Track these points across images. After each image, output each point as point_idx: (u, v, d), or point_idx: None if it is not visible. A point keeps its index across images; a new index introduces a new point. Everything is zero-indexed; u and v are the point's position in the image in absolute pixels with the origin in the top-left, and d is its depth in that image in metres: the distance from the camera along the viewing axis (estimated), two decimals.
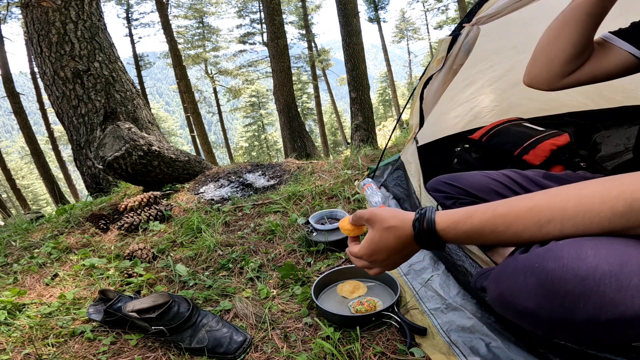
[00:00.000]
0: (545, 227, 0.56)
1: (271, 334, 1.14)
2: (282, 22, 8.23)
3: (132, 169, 2.49)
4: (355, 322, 1.10)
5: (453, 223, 0.64)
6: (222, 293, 1.39)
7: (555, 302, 0.50)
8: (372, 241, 0.73)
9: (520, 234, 0.58)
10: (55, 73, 3.46)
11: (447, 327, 1.02)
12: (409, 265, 1.33)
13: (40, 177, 12.43)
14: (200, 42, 20.76)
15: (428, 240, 0.67)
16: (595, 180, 0.56)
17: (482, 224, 0.61)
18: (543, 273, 0.51)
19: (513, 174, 1.12)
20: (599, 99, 2.23)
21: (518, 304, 0.55)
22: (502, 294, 0.58)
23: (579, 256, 0.49)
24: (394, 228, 0.70)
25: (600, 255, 0.48)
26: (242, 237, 1.85)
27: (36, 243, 2.03)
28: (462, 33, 1.55)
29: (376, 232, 0.73)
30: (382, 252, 0.73)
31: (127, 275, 1.58)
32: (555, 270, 0.50)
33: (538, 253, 0.54)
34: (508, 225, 0.59)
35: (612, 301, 0.46)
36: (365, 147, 3.63)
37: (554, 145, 1.73)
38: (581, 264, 0.48)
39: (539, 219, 0.57)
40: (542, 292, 0.51)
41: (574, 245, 0.51)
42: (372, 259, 0.75)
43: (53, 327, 1.26)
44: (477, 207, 0.64)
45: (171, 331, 1.11)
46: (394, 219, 0.71)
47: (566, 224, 0.55)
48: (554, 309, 0.51)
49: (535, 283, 0.52)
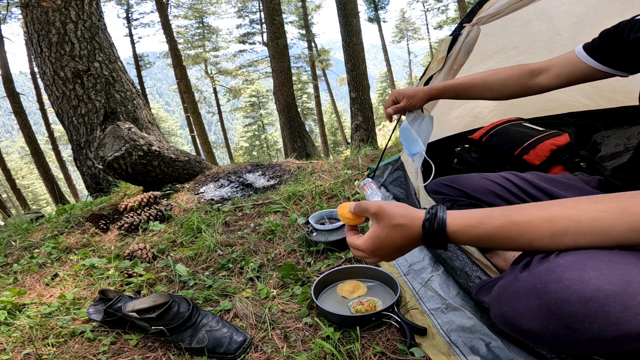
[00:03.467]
0: (559, 239, 0.57)
1: (271, 334, 1.14)
2: (282, 22, 8.23)
3: (132, 169, 2.49)
4: (355, 322, 1.10)
5: (466, 227, 0.64)
6: (222, 293, 1.39)
7: (559, 324, 0.51)
8: (378, 237, 0.72)
9: (532, 242, 0.59)
10: (55, 73, 3.46)
11: (447, 327, 1.02)
12: (408, 265, 1.33)
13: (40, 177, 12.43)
14: (200, 42, 20.76)
15: (436, 240, 0.66)
16: (611, 195, 0.57)
17: (496, 230, 0.61)
18: (546, 295, 0.52)
19: (512, 177, 1.12)
20: (599, 99, 2.23)
21: (522, 324, 0.56)
22: (506, 315, 0.59)
23: (581, 278, 0.50)
24: (403, 227, 0.69)
25: (603, 276, 0.49)
26: (242, 237, 1.85)
27: (36, 243, 2.03)
28: (463, 33, 1.55)
29: (382, 229, 0.71)
30: (385, 248, 0.72)
31: (127, 275, 1.58)
32: (558, 292, 0.51)
33: (540, 274, 0.54)
34: (521, 233, 0.60)
35: (617, 320, 0.47)
36: (365, 147, 3.63)
37: (554, 145, 1.73)
38: (584, 285, 0.49)
39: (554, 230, 0.57)
40: (546, 314, 0.52)
41: (575, 266, 0.52)
42: (374, 253, 0.74)
43: (53, 327, 1.26)
44: (490, 211, 0.64)
45: (171, 331, 1.11)
46: (402, 217, 0.69)
47: (580, 237, 0.55)
48: (558, 330, 0.51)
49: (538, 305, 0.53)
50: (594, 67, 0.98)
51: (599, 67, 0.97)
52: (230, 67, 21.95)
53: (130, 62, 17.51)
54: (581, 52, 1.02)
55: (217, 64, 21.95)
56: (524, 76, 1.13)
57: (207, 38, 20.91)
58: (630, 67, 0.94)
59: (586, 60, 1.00)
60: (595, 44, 0.99)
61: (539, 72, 1.12)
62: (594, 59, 0.98)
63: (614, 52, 0.94)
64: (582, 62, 1.01)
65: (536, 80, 1.12)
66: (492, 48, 2.07)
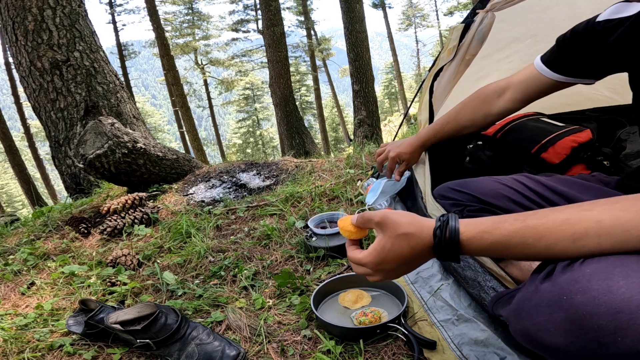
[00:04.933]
0: (580, 241, 0.57)
1: (267, 348, 1.14)
2: (278, 7, 8.24)
3: (115, 168, 2.49)
4: (359, 334, 1.10)
5: (479, 233, 0.64)
6: (213, 303, 1.40)
7: (587, 338, 0.51)
8: (383, 249, 0.70)
9: (552, 247, 0.59)
10: (32, 63, 3.46)
11: (459, 340, 1.02)
12: (416, 272, 1.33)
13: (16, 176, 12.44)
14: (189, 29, 20.79)
15: (448, 251, 0.66)
16: (628, 196, 0.59)
17: (511, 235, 0.61)
18: (572, 308, 0.52)
19: (525, 179, 1.12)
20: (626, 92, 2.23)
21: (546, 339, 0.56)
22: (527, 330, 0.59)
23: (609, 288, 0.50)
24: (410, 236, 0.68)
25: (634, 285, 0.49)
26: (235, 242, 1.86)
27: (11, 249, 2.04)
28: (476, 20, 1.55)
29: (387, 239, 0.70)
30: (391, 261, 0.71)
31: (110, 284, 1.58)
32: (585, 304, 0.51)
33: (563, 285, 0.54)
34: (539, 238, 0.60)
35: None
36: (369, 144, 3.63)
37: (574, 142, 1.73)
38: (613, 296, 0.49)
39: (573, 231, 0.57)
40: (572, 328, 0.52)
41: (602, 275, 0.52)
42: (379, 268, 0.73)
43: (29, 340, 1.26)
44: (504, 217, 0.64)
45: (158, 345, 1.11)
46: (410, 226, 0.68)
47: (603, 239, 0.56)
48: (586, 345, 0.51)
49: (563, 319, 0.53)
50: (556, 79, 1.03)
51: (561, 79, 1.02)
52: (223, 57, 22.00)
53: (114, 52, 17.54)
54: (540, 65, 1.06)
55: (208, 54, 21.99)
56: (486, 104, 1.22)
57: (197, 25, 20.94)
58: (597, 72, 0.99)
59: (547, 74, 1.04)
60: (554, 54, 1.03)
61: (500, 92, 1.18)
62: (555, 72, 1.03)
63: (580, 58, 0.97)
64: (543, 76, 1.05)
65: (499, 104, 1.20)
66: (508, 36, 2.07)
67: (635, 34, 0.83)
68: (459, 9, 22.14)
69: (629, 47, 0.86)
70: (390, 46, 23.01)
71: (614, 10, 0.90)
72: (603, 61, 0.93)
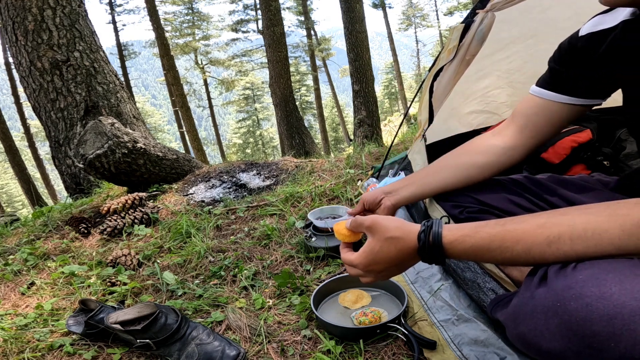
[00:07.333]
0: (555, 244, 0.60)
1: (267, 348, 1.15)
2: (278, 7, 8.25)
3: (115, 167, 2.49)
4: (359, 334, 1.10)
5: (461, 237, 0.67)
6: (213, 303, 1.40)
7: (582, 344, 0.52)
8: (372, 251, 0.75)
9: (529, 250, 0.62)
10: (32, 63, 3.46)
11: (459, 340, 1.02)
12: (416, 272, 1.33)
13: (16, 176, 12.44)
14: (189, 29, 20.78)
15: (432, 254, 0.69)
16: (603, 202, 0.62)
17: (491, 238, 0.65)
18: (566, 314, 0.53)
19: (523, 180, 1.12)
20: None
21: (542, 345, 0.57)
22: (524, 335, 0.61)
23: (602, 294, 0.51)
24: (397, 239, 0.72)
25: (626, 290, 0.50)
26: (235, 242, 1.86)
27: (11, 249, 2.04)
28: (476, 20, 1.55)
29: (376, 242, 0.74)
30: (380, 263, 0.75)
31: (110, 284, 1.59)
32: (579, 310, 0.51)
33: (557, 291, 0.55)
34: (516, 241, 0.63)
35: None
36: (369, 144, 3.64)
37: (574, 142, 1.73)
38: (606, 302, 0.50)
39: (547, 235, 0.60)
40: (567, 334, 0.53)
41: (595, 281, 0.53)
42: (369, 269, 0.77)
43: (29, 341, 1.26)
44: (486, 222, 0.68)
45: (158, 345, 1.11)
46: (397, 230, 0.73)
47: (576, 241, 0.58)
48: (581, 351, 0.52)
49: (558, 324, 0.54)
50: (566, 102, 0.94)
51: (563, 99, 0.94)
52: (223, 57, 21.99)
53: (114, 52, 17.52)
54: (536, 89, 0.98)
55: (208, 54, 21.98)
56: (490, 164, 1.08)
57: (197, 25, 20.93)
58: (593, 87, 0.93)
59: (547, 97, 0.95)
60: (548, 74, 0.97)
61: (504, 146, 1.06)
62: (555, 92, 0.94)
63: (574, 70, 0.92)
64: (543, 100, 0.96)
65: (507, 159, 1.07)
66: (509, 36, 2.07)
67: (623, 43, 0.83)
68: (459, 9, 22.14)
69: (618, 56, 0.86)
70: (390, 46, 23.00)
71: (595, 23, 0.89)
72: (595, 71, 0.91)
